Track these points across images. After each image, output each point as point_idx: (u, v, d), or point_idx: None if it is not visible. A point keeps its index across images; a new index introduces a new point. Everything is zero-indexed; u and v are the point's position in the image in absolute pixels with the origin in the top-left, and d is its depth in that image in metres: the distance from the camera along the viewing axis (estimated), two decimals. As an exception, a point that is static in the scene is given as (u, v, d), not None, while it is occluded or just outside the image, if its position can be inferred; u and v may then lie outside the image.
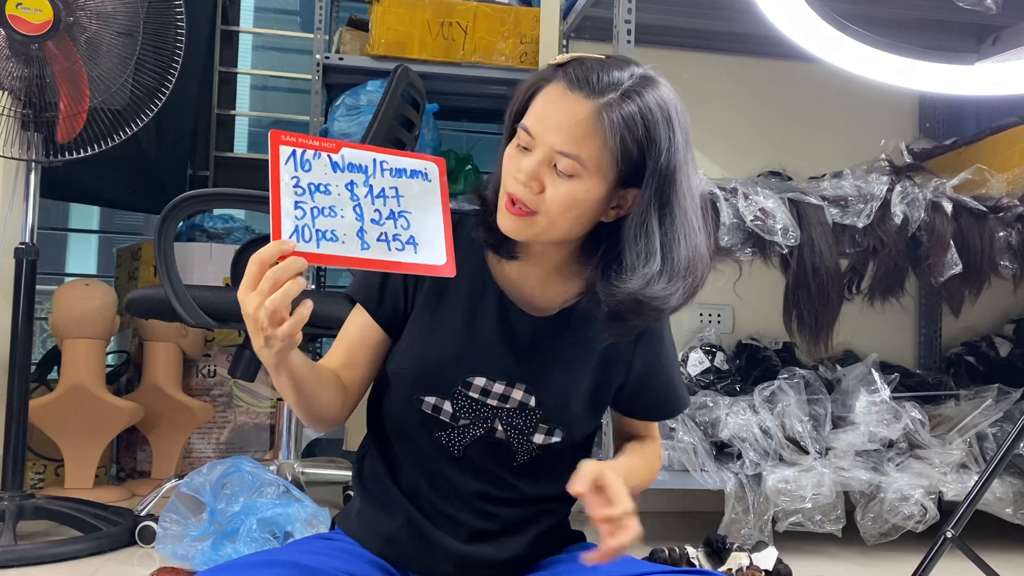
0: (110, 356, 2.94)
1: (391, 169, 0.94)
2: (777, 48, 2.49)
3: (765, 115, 2.88)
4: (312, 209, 0.89)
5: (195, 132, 3.36)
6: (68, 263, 4.93)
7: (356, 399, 1.07)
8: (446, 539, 1.05)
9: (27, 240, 2.00)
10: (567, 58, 1.00)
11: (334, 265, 0.89)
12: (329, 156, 0.92)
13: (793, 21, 1.43)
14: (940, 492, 2.12)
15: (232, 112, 3.63)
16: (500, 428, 1.04)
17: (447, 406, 1.04)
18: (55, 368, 2.77)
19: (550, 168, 0.96)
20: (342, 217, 0.90)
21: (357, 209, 0.91)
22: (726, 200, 2.14)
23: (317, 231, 0.89)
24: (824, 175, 2.49)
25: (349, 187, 0.92)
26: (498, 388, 1.04)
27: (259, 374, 2.18)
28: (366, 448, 1.13)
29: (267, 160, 0.92)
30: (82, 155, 2.03)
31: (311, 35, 2.88)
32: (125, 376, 2.93)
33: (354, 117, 2.78)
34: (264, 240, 2.82)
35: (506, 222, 0.99)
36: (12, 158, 2.01)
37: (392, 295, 1.06)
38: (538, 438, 1.06)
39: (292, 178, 0.90)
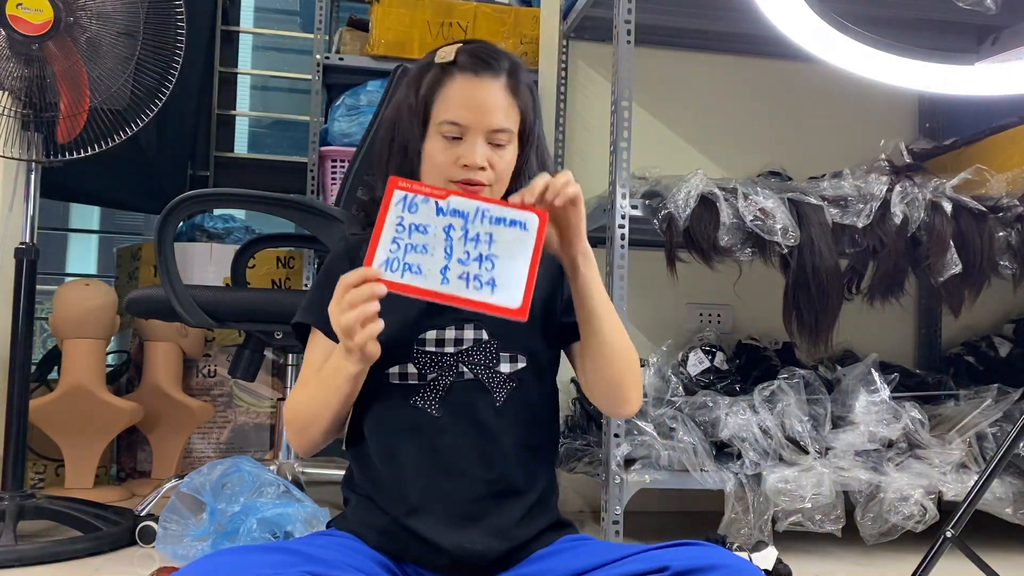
0: (110, 356, 2.95)
1: (491, 217, 1.00)
2: (777, 48, 2.49)
3: (765, 115, 2.88)
4: (407, 245, 0.99)
5: (195, 132, 3.37)
6: (68, 263, 4.93)
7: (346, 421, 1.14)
8: (439, 527, 1.06)
9: (27, 240, 2.00)
10: (452, 54, 1.12)
11: (412, 295, 0.97)
12: (436, 201, 1.00)
13: (793, 21, 1.43)
14: (940, 492, 2.12)
15: (232, 112, 3.64)
16: (466, 369, 1.10)
17: (411, 368, 1.10)
18: (55, 368, 2.77)
19: (489, 146, 1.10)
20: (431, 255, 0.99)
21: (448, 249, 0.99)
22: (726, 200, 2.14)
23: (405, 264, 0.98)
24: (824, 175, 2.49)
25: (447, 229, 1.00)
26: (450, 334, 1.10)
27: (259, 374, 2.18)
28: (350, 464, 1.18)
29: (268, 160, 0.94)
30: (82, 155, 2.03)
31: (311, 35, 2.88)
32: (125, 376, 2.93)
33: (354, 117, 2.78)
34: (265, 240, 2.82)
35: None
36: (12, 158, 2.01)
37: None
38: (504, 367, 1.11)
39: (398, 217, 0.99)
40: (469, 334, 1.11)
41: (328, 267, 1.18)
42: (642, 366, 2.34)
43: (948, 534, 1.48)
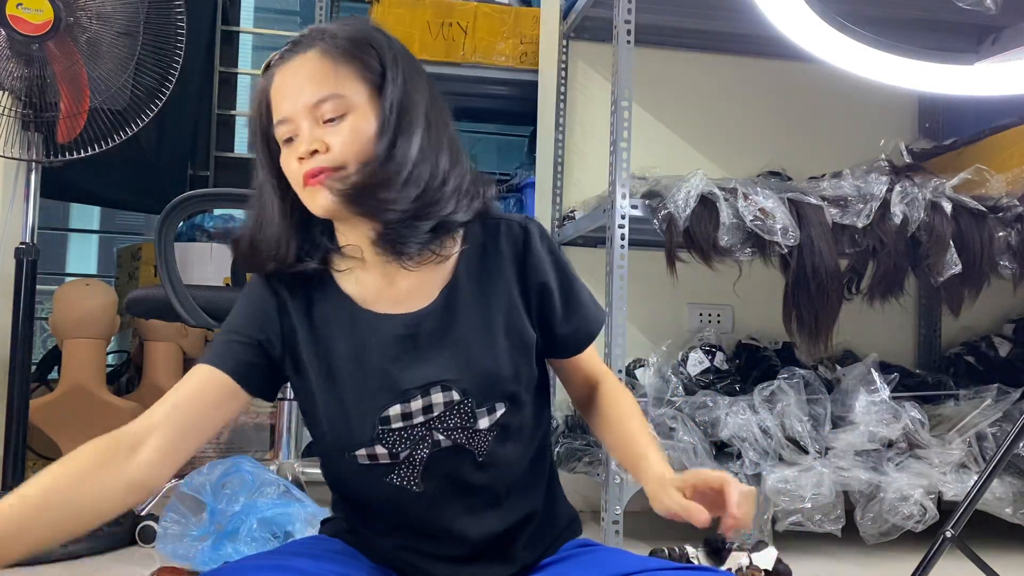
0: (110, 356, 2.94)
1: None
2: (777, 48, 2.49)
3: (765, 115, 2.88)
4: None
5: (195, 132, 3.37)
6: (68, 263, 4.93)
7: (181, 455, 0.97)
8: (436, 566, 1.01)
9: (27, 240, 2.00)
10: (271, 57, 0.99)
11: None
12: None
13: (793, 21, 1.43)
14: (940, 492, 2.12)
15: (232, 112, 3.64)
16: (442, 437, 0.97)
17: (379, 449, 0.96)
18: (55, 368, 2.77)
19: (321, 125, 0.93)
20: None
21: None
22: (726, 200, 2.14)
23: None
24: (824, 175, 2.49)
25: None
26: (416, 405, 0.96)
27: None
28: (337, 510, 1.10)
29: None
30: (82, 155, 2.03)
31: (311, 35, 2.88)
32: (125, 376, 2.93)
33: (354, 117, 2.78)
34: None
35: (320, 197, 0.93)
36: (12, 158, 2.01)
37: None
38: (483, 423, 0.98)
39: None
40: (438, 398, 0.97)
41: (248, 294, 1.02)
42: (641, 366, 2.35)
43: (948, 534, 1.48)
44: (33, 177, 2.03)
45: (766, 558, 1.82)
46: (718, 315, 2.77)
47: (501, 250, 1.02)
